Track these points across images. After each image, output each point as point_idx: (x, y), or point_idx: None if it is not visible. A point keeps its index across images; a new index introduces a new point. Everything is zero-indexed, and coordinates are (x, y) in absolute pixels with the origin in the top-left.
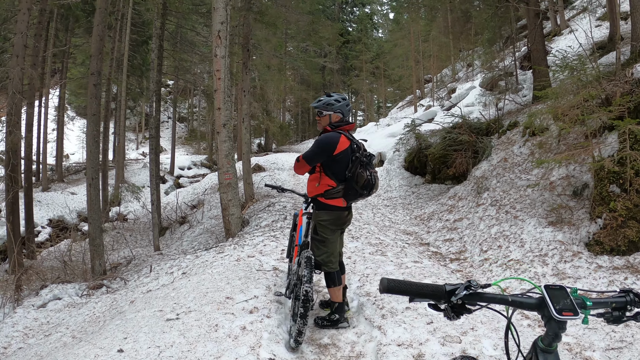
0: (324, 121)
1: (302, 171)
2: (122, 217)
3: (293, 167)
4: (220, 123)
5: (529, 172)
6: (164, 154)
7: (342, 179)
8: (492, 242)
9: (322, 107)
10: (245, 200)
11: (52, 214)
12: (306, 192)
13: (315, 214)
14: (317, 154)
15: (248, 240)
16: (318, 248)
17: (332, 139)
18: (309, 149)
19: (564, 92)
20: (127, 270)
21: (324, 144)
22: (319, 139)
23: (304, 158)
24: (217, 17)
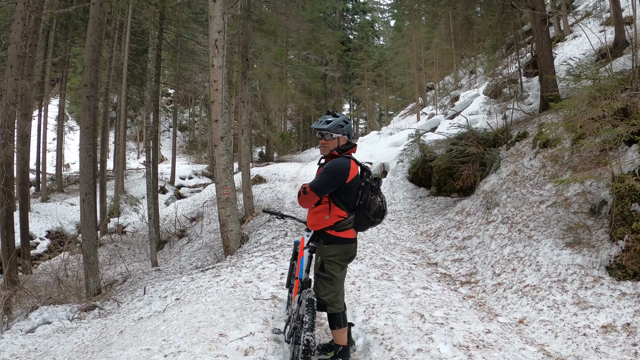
0: (331, 145)
1: (310, 204)
2: (120, 230)
3: (298, 199)
4: (218, 136)
5: (542, 187)
6: (165, 164)
7: (353, 208)
8: (505, 264)
9: (333, 129)
10: (245, 214)
11: (51, 226)
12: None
13: (323, 248)
14: (327, 183)
15: (246, 261)
16: (324, 287)
17: (344, 166)
18: (318, 179)
19: (580, 102)
20: (121, 290)
21: (336, 172)
22: (329, 167)
23: (312, 189)
24: (214, 25)
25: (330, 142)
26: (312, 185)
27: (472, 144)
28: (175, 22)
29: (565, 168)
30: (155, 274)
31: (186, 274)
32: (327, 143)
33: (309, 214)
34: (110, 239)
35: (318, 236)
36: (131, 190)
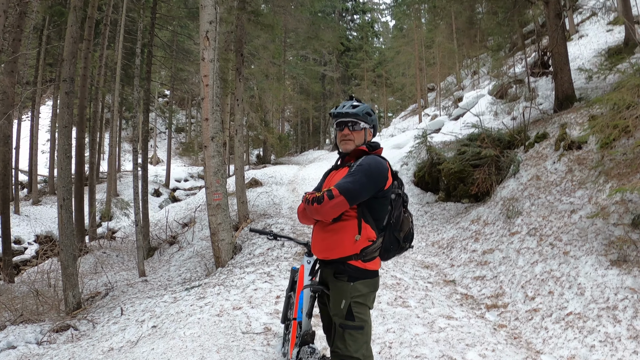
0: (358, 138)
1: (329, 216)
2: (109, 235)
3: (304, 211)
4: (208, 136)
5: (571, 194)
6: (160, 166)
7: (381, 227)
8: (538, 285)
9: (362, 116)
10: (239, 220)
11: (40, 230)
12: (309, 242)
13: (348, 288)
14: (366, 188)
15: (237, 279)
16: (355, 340)
17: (384, 167)
18: (350, 179)
19: (627, 95)
20: (101, 306)
21: (376, 173)
22: (366, 165)
23: (344, 192)
24: (205, 15)
25: (357, 134)
26: (342, 187)
27: (487, 145)
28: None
29: (596, 173)
30: (140, 286)
31: (170, 292)
32: (351, 135)
33: (318, 234)
34: (98, 245)
35: (333, 269)
36: (124, 192)
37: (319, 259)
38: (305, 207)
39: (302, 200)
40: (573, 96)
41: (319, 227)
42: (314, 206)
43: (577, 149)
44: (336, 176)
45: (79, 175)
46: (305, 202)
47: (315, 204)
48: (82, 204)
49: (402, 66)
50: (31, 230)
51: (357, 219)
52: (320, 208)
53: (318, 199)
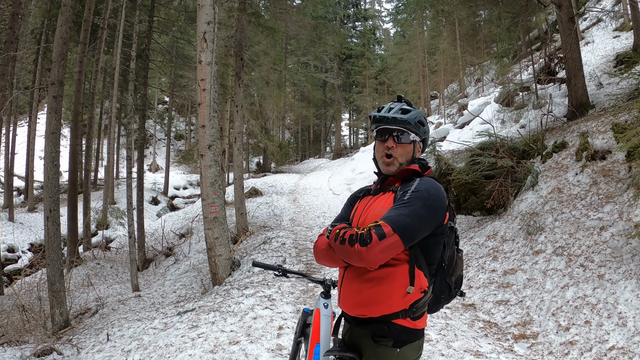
0: (405, 153)
1: (384, 259)
2: (104, 246)
3: (353, 250)
4: (205, 144)
5: (599, 209)
6: (159, 173)
7: (433, 272)
8: (572, 312)
9: (414, 125)
10: (238, 233)
11: (35, 237)
12: (326, 280)
13: (393, 356)
14: (426, 223)
15: (233, 304)
16: None
17: (443, 195)
18: (407, 211)
19: None
20: (88, 327)
21: (439, 204)
22: (425, 191)
23: (401, 230)
24: (202, 15)
25: (404, 149)
26: (397, 222)
27: (502, 155)
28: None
29: (624, 186)
30: (132, 302)
31: (161, 314)
32: (398, 149)
33: (351, 284)
34: (92, 255)
35: (372, 330)
36: (122, 200)
37: (349, 315)
38: (335, 246)
39: (325, 235)
40: (587, 103)
41: (352, 275)
42: (355, 248)
43: (601, 160)
44: (376, 204)
45: (72, 183)
46: (334, 240)
47: (357, 245)
48: (75, 212)
49: (404, 73)
50: (25, 239)
51: (409, 265)
52: (367, 252)
53: (361, 239)
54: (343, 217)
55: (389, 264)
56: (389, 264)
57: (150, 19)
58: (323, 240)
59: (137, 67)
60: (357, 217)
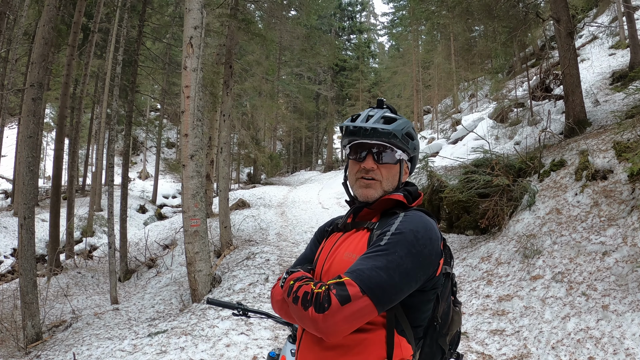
0: (389, 177)
1: (348, 329)
2: (86, 254)
3: (306, 315)
4: (187, 154)
5: (600, 232)
6: (148, 181)
7: (420, 334)
8: (573, 346)
9: (400, 139)
10: (221, 247)
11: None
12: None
13: None
14: (409, 278)
15: (207, 327)
16: None
17: (436, 235)
18: (383, 262)
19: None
20: (60, 341)
21: (430, 251)
22: (412, 233)
23: (373, 291)
24: (189, 20)
25: (387, 171)
26: (367, 279)
27: (498, 173)
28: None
29: (628, 208)
30: (109, 316)
31: (132, 334)
32: (379, 171)
33: (310, 353)
34: (74, 263)
35: None
36: None
37: None
38: (288, 303)
39: (280, 283)
40: (585, 120)
41: (310, 339)
42: (309, 313)
43: (602, 180)
44: (345, 247)
45: (55, 189)
46: (286, 295)
47: (312, 309)
48: (57, 219)
49: (398, 87)
50: (8, 243)
51: (387, 330)
52: (324, 320)
53: (316, 301)
54: (306, 257)
55: (360, 328)
56: (359, 329)
57: (141, 24)
58: (278, 289)
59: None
60: (320, 262)
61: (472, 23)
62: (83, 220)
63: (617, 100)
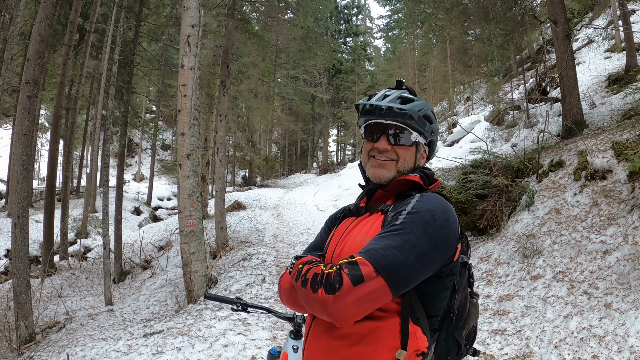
0: (405, 159)
1: (360, 313)
2: (80, 255)
3: (316, 298)
4: (184, 153)
5: (601, 231)
6: (143, 183)
7: (436, 325)
8: (576, 345)
9: (417, 120)
10: (217, 248)
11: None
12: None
13: None
14: (426, 259)
15: (204, 327)
16: None
17: (454, 217)
18: (398, 242)
19: None
20: (54, 342)
21: (447, 232)
22: (429, 213)
23: (387, 270)
24: (187, 18)
25: (404, 152)
26: (381, 258)
27: (497, 173)
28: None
29: (628, 207)
30: (103, 318)
31: (128, 334)
32: (393, 151)
33: (318, 343)
34: (68, 265)
35: None
36: None
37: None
38: (296, 288)
39: (288, 270)
40: (582, 122)
41: (320, 327)
42: (319, 295)
43: (602, 179)
44: (358, 230)
45: (50, 189)
46: (295, 280)
47: (322, 290)
48: (52, 219)
49: None
50: (2, 244)
51: (401, 318)
52: (334, 302)
53: (327, 282)
54: (316, 245)
55: (372, 316)
56: (371, 317)
57: (137, 24)
58: (286, 277)
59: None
60: (331, 247)
61: (469, 26)
62: (77, 222)
63: (613, 103)
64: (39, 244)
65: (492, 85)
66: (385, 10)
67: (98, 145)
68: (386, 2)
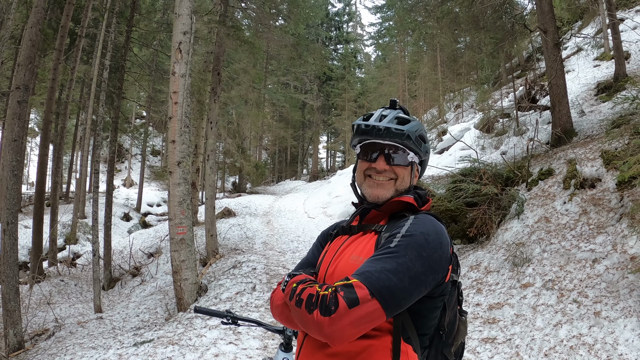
0: (401, 177)
1: (355, 334)
2: (69, 261)
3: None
4: (174, 160)
5: (590, 240)
6: (133, 189)
7: (426, 343)
8: (566, 353)
9: (413, 141)
10: (207, 255)
11: None
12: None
13: None
14: (419, 282)
15: (195, 337)
16: None
17: (446, 240)
18: (393, 265)
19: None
20: (43, 350)
21: (440, 255)
22: (423, 236)
23: (382, 294)
24: (179, 25)
25: (402, 172)
26: (377, 282)
27: (487, 182)
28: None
29: (616, 215)
30: (92, 325)
31: (117, 343)
32: (392, 171)
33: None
34: (57, 271)
35: None
36: None
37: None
38: (290, 307)
39: (281, 287)
40: (572, 130)
41: (313, 345)
42: (314, 317)
43: (591, 188)
44: (351, 249)
45: (39, 195)
46: (289, 299)
47: (317, 312)
48: (41, 225)
49: (384, 97)
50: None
51: (393, 337)
52: (330, 324)
53: (322, 304)
54: (309, 262)
55: (365, 334)
56: (364, 335)
57: (129, 29)
58: (279, 293)
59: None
60: (324, 265)
61: (459, 34)
62: (66, 227)
63: (602, 111)
64: (28, 250)
65: (482, 93)
66: (376, 17)
67: (88, 150)
68: (377, 10)
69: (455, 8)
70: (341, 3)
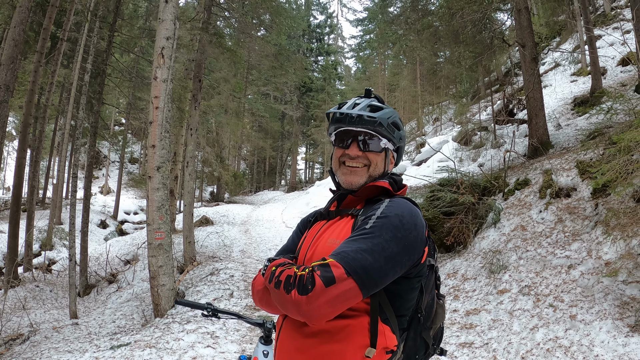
0: (375, 163)
1: (332, 313)
2: (44, 267)
3: (290, 298)
4: (154, 165)
5: (565, 247)
6: (110, 196)
7: (404, 325)
8: (543, 356)
9: (386, 128)
10: (185, 262)
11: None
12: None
13: None
14: (395, 262)
15: (172, 340)
16: None
17: (421, 222)
18: (368, 245)
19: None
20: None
21: (415, 236)
22: (397, 218)
23: (357, 272)
24: (162, 30)
25: (374, 158)
26: (352, 261)
27: (464, 191)
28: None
29: (591, 223)
30: (68, 331)
31: (94, 347)
32: (364, 157)
33: (291, 342)
34: (32, 277)
35: None
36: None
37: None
38: (270, 289)
39: (261, 271)
40: (548, 142)
41: (292, 326)
42: (292, 296)
43: (566, 197)
44: (329, 233)
45: (16, 199)
46: (268, 282)
47: (295, 292)
48: (17, 230)
49: None
50: None
51: (371, 317)
52: (307, 303)
53: (300, 283)
54: (289, 248)
55: (343, 314)
56: (342, 315)
57: (111, 34)
58: (260, 279)
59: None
60: (303, 250)
61: (439, 48)
62: (42, 233)
63: (578, 124)
64: (3, 255)
65: (461, 106)
66: (357, 30)
67: (65, 156)
68: (358, 23)
69: (436, 22)
70: (323, 15)
